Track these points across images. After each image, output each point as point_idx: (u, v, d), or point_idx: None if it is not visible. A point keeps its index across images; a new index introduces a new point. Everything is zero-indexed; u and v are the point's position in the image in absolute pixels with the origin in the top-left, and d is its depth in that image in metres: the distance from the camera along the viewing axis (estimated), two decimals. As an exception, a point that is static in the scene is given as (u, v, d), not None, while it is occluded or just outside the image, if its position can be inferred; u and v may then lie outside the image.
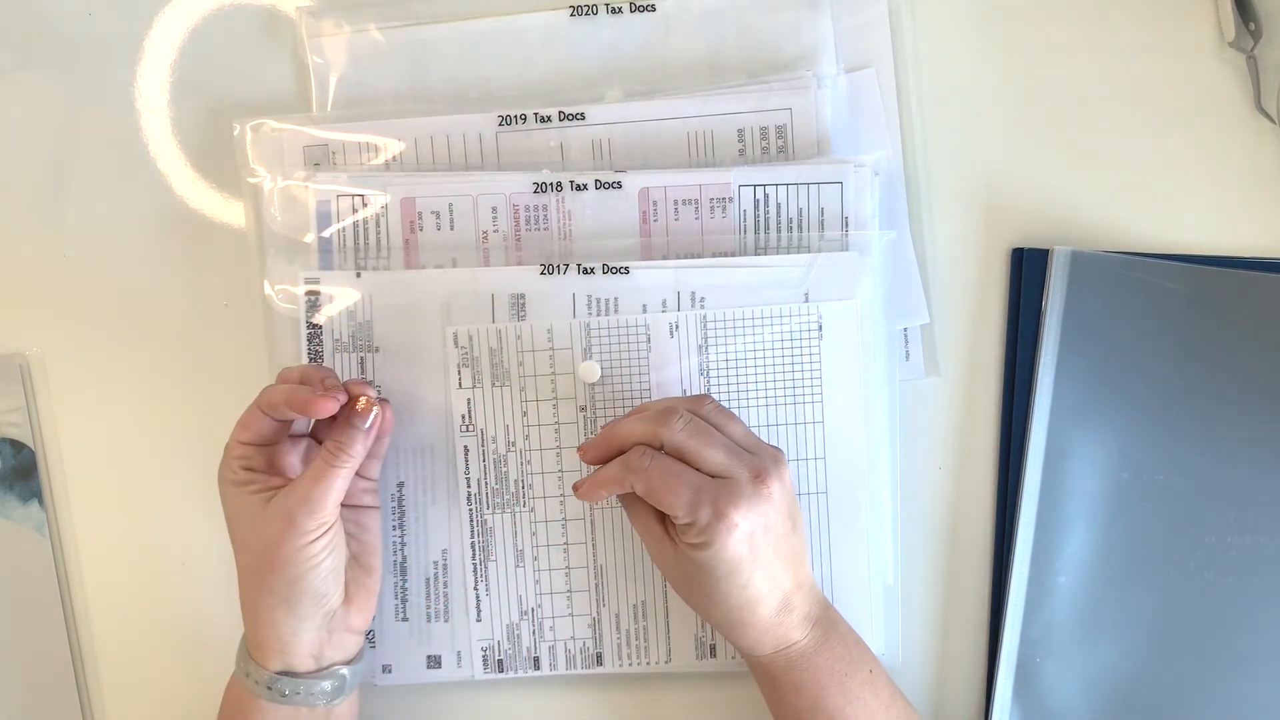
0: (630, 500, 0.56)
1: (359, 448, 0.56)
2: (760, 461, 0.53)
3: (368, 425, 0.56)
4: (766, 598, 0.54)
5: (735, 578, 0.53)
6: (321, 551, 0.55)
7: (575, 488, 0.57)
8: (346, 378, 0.61)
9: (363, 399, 0.56)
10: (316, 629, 0.56)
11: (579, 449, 0.57)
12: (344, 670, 0.57)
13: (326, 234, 0.62)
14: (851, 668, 0.55)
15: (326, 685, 0.56)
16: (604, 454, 0.56)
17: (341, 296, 0.61)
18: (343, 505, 0.56)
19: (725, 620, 0.54)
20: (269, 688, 0.55)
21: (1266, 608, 0.62)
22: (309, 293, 0.61)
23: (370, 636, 0.62)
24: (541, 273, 0.61)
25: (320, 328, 0.61)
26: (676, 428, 0.53)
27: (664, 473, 0.53)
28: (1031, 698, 0.62)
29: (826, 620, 0.56)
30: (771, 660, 0.55)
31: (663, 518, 0.55)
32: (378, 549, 0.59)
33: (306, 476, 0.55)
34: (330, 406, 0.55)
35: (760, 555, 0.53)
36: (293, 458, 0.59)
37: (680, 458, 0.53)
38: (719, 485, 0.52)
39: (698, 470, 0.53)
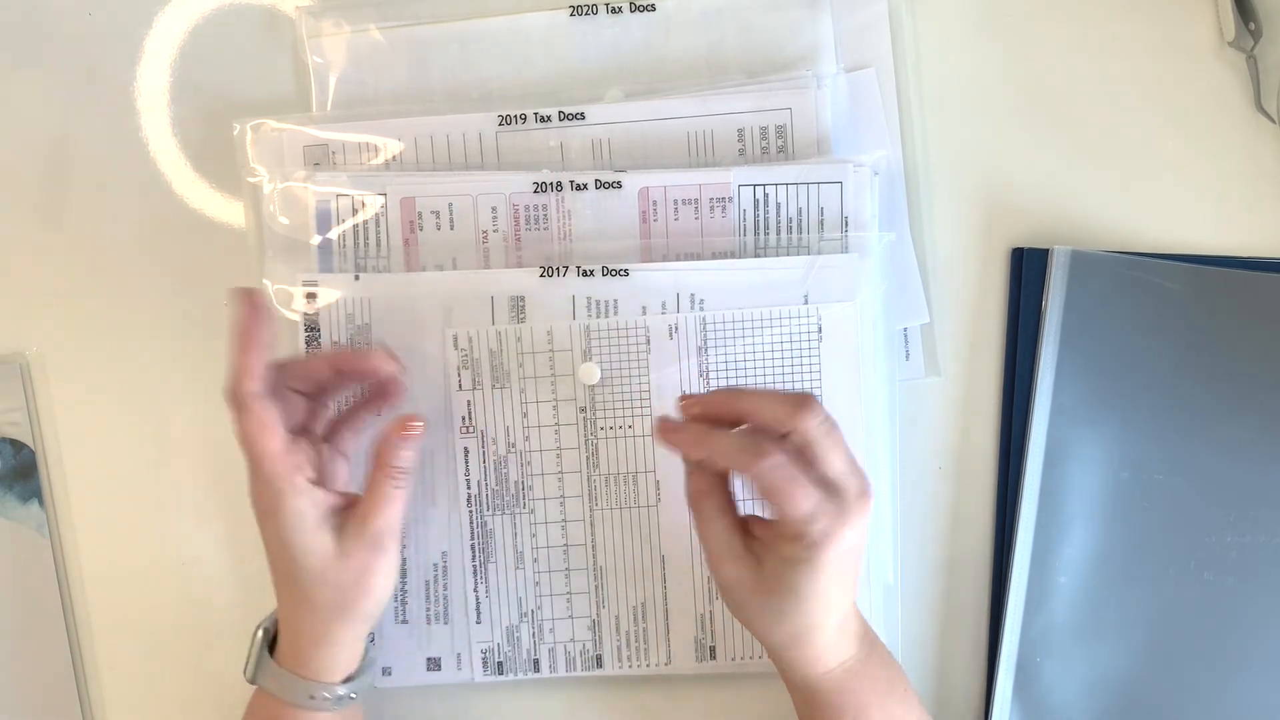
0: (708, 506, 0.52)
1: (413, 463, 0.56)
2: (865, 476, 0.50)
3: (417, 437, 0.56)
4: (833, 616, 0.51)
5: (818, 597, 0.50)
6: (397, 571, 0.56)
7: (662, 427, 0.51)
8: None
9: (418, 424, 0.56)
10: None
11: (682, 396, 0.53)
12: (368, 668, 0.58)
13: (327, 235, 0.62)
14: (891, 686, 0.54)
15: (365, 682, 0.57)
16: (711, 414, 0.51)
17: (340, 299, 0.61)
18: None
19: (788, 638, 0.51)
20: (311, 696, 0.55)
21: (1266, 608, 0.62)
22: (308, 295, 0.61)
23: (370, 638, 0.62)
24: (541, 275, 0.61)
25: (319, 330, 0.61)
26: (818, 418, 0.48)
27: (793, 472, 0.48)
28: (1031, 698, 0.62)
29: (869, 637, 0.55)
30: (820, 680, 0.53)
31: (744, 532, 0.52)
32: None
33: (380, 503, 0.54)
34: (393, 366, 0.57)
35: (843, 575, 0.50)
36: (336, 466, 0.58)
37: (805, 453, 0.49)
38: (835, 499, 0.48)
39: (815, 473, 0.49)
